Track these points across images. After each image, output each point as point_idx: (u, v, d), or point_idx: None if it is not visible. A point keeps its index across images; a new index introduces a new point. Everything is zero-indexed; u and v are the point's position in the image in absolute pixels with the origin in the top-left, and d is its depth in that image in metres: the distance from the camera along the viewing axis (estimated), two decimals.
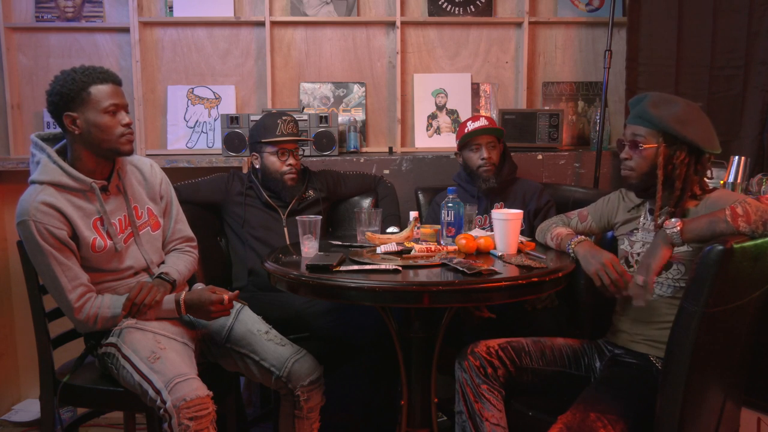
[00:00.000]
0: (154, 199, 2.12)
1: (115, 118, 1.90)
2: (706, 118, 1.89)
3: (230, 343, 2.10)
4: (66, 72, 1.90)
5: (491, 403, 1.93)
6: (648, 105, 1.87)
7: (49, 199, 1.86)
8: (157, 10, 3.18)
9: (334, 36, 3.26)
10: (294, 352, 2.08)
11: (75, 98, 1.86)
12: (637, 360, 1.90)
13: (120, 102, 1.91)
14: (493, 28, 3.30)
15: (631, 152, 1.89)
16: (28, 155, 3.08)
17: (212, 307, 1.95)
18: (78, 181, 1.91)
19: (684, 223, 1.73)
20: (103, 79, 1.89)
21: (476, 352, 1.97)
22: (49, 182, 1.89)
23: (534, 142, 3.10)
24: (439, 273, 1.86)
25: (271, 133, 2.49)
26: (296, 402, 2.06)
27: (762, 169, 2.78)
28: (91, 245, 1.92)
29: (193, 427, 1.76)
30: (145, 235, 2.05)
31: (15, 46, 3.13)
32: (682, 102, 1.88)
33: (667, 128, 1.83)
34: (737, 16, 2.98)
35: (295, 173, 2.53)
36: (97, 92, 1.88)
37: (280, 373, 2.04)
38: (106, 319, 1.93)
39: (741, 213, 1.65)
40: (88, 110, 1.87)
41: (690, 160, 1.84)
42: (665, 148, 1.84)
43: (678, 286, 1.84)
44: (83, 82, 1.86)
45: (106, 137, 1.90)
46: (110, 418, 2.82)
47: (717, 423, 1.76)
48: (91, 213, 1.94)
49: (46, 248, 1.84)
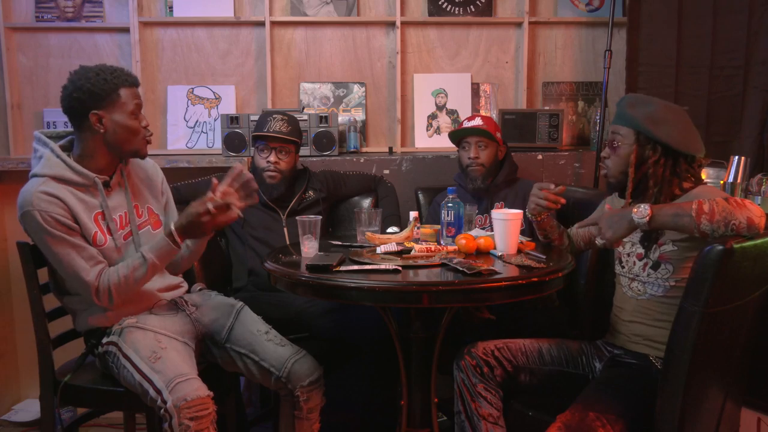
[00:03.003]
0: (156, 197, 2.12)
1: (138, 119, 1.94)
2: (688, 120, 1.88)
3: (230, 343, 2.10)
4: (92, 70, 1.90)
5: (488, 401, 1.93)
6: (626, 105, 1.89)
7: (51, 189, 1.86)
8: (157, 10, 3.18)
9: (334, 36, 3.26)
10: (294, 353, 2.07)
11: (105, 98, 1.88)
12: (636, 360, 1.90)
13: (141, 104, 1.97)
14: (493, 28, 3.30)
15: (609, 151, 1.92)
16: (28, 155, 3.09)
17: (203, 218, 1.87)
18: (81, 176, 1.91)
19: (653, 211, 1.70)
20: (132, 83, 1.94)
21: (473, 353, 1.98)
22: (51, 175, 1.89)
23: (534, 142, 3.10)
24: (439, 273, 1.86)
25: (259, 129, 2.51)
26: (296, 402, 2.06)
27: (762, 169, 2.78)
28: (93, 238, 1.91)
29: (194, 427, 1.76)
30: (145, 234, 2.04)
31: (15, 46, 3.12)
32: (660, 103, 1.88)
33: (640, 127, 1.84)
34: (737, 16, 2.98)
35: (276, 172, 2.51)
36: (125, 94, 1.91)
37: (279, 374, 2.04)
38: (125, 276, 1.89)
39: (706, 210, 1.63)
40: (117, 111, 1.90)
41: (665, 161, 1.83)
42: (638, 148, 1.85)
43: (669, 285, 1.85)
44: (114, 84, 1.89)
45: (131, 138, 1.93)
46: (110, 418, 2.81)
47: (717, 423, 1.76)
48: (94, 207, 1.94)
49: (56, 233, 1.84)
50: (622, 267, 1.98)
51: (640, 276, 1.90)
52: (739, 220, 1.60)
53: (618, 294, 2.01)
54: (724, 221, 1.61)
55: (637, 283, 1.91)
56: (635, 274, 1.92)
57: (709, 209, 1.63)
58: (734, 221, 1.61)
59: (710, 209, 1.63)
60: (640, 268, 1.90)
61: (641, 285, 1.90)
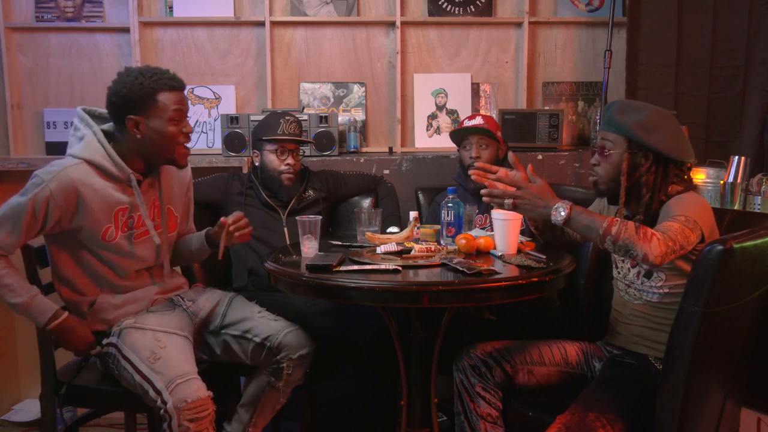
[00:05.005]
0: (180, 197, 2.14)
1: (179, 125, 1.90)
2: (677, 126, 1.87)
3: (225, 328, 2.12)
4: (132, 73, 1.87)
5: (486, 401, 1.94)
6: (615, 111, 1.86)
7: (77, 176, 1.84)
8: (157, 10, 3.18)
9: (334, 36, 3.26)
10: (287, 325, 2.11)
11: (140, 103, 1.85)
12: (636, 361, 1.90)
13: (184, 108, 1.91)
14: (493, 28, 3.30)
15: (599, 158, 1.89)
16: (28, 155, 3.10)
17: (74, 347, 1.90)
18: (119, 168, 1.90)
19: (570, 215, 1.73)
20: (172, 86, 1.88)
21: (471, 353, 1.98)
22: (88, 159, 1.87)
23: (534, 142, 3.10)
24: (439, 273, 1.86)
25: (273, 131, 2.50)
26: (278, 372, 2.07)
27: (762, 169, 2.77)
28: (103, 233, 1.90)
29: (193, 428, 1.76)
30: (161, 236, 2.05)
31: (15, 46, 3.12)
32: (650, 109, 1.87)
33: (632, 135, 1.81)
34: (737, 16, 2.98)
35: (293, 173, 2.52)
36: (165, 99, 1.87)
37: (271, 344, 2.05)
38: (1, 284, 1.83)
39: (613, 232, 1.65)
40: (154, 117, 1.87)
41: (657, 168, 1.82)
42: (629, 155, 1.83)
43: (662, 293, 1.85)
44: (152, 88, 1.85)
45: (167, 145, 1.90)
46: (111, 419, 2.81)
47: (717, 423, 1.76)
48: (119, 202, 1.92)
49: (27, 208, 1.80)
50: (619, 272, 1.98)
51: (634, 283, 1.91)
52: (637, 252, 1.62)
53: (616, 296, 2.02)
54: (624, 247, 1.64)
55: (633, 290, 1.92)
56: (630, 281, 1.92)
57: (615, 232, 1.65)
58: (633, 251, 1.63)
59: (617, 232, 1.65)
60: (634, 276, 1.90)
61: (636, 291, 1.91)
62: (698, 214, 1.73)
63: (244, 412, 2.16)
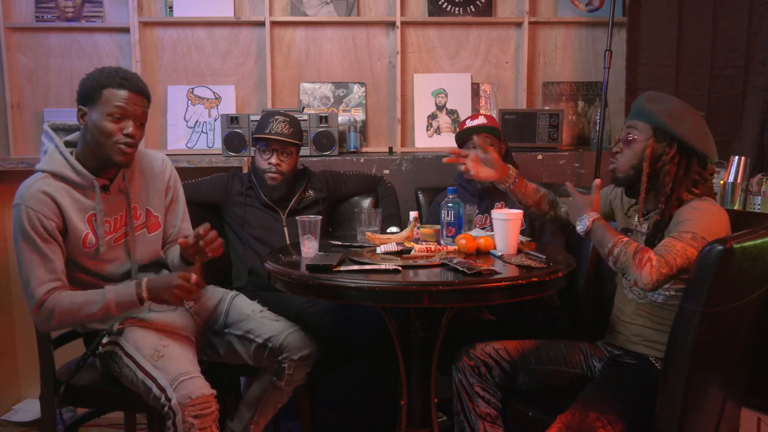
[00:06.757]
0: (158, 196, 2.11)
1: (119, 124, 1.88)
2: (704, 123, 1.87)
3: (228, 327, 2.13)
4: (99, 69, 1.92)
5: (485, 401, 1.94)
6: (644, 101, 1.88)
7: (47, 188, 1.86)
8: (157, 10, 3.18)
9: (334, 36, 3.26)
10: (288, 326, 2.11)
11: (89, 95, 1.88)
12: (636, 361, 1.90)
13: (130, 110, 1.88)
14: (493, 28, 3.30)
15: (622, 146, 1.90)
16: (28, 155, 3.10)
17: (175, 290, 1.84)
18: (80, 176, 1.91)
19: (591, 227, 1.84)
20: (121, 85, 1.88)
21: (471, 353, 1.99)
22: (51, 172, 1.89)
23: (534, 142, 3.10)
24: (439, 273, 1.86)
25: (261, 130, 2.50)
26: (280, 372, 2.08)
27: (762, 169, 2.77)
28: (83, 240, 1.92)
29: (198, 425, 1.77)
30: (140, 237, 2.04)
31: (15, 46, 3.12)
32: (679, 102, 1.88)
33: (658, 122, 1.82)
34: (737, 17, 2.98)
35: (277, 173, 2.50)
36: (109, 95, 1.87)
37: (273, 345, 2.06)
38: (76, 305, 1.85)
39: (615, 254, 1.74)
40: (95, 110, 1.88)
41: (680, 159, 1.82)
42: (654, 142, 1.83)
43: (669, 294, 1.84)
44: (100, 82, 1.87)
45: (103, 141, 1.88)
46: (110, 418, 2.81)
47: (717, 423, 1.76)
48: (88, 208, 1.93)
49: (31, 235, 1.83)
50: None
51: None
52: (630, 275, 1.70)
53: (619, 295, 2.01)
54: (621, 269, 1.74)
55: (638, 288, 1.91)
56: None
57: (616, 255, 1.74)
58: (627, 274, 1.72)
59: (617, 255, 1.74)
60: None
61: (641, 290, 1.90)
62: (708, 229, 1.71)
63: (246, 411, 2.17)
